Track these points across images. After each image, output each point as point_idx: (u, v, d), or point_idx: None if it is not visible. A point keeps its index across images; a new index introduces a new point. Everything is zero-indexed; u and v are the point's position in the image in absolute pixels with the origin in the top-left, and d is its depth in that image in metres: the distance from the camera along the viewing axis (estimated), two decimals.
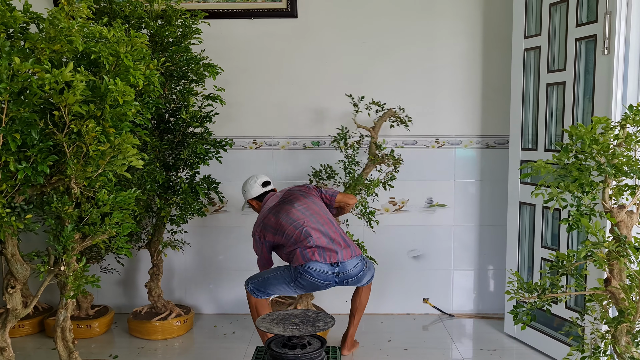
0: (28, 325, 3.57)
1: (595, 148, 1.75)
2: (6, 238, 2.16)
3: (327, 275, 2.90)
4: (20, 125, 1.88)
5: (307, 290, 3.01)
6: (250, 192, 3.27)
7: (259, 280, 3.05)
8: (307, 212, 3.03)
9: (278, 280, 3.00)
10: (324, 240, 2.94)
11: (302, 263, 2.90)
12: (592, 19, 2.81)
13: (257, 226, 3.11)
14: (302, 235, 2.94)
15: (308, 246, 2.92)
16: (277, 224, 3.02)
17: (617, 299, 1.80)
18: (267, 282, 3.02)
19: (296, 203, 3.07)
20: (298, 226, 2.96)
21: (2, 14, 1.85)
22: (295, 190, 3.19)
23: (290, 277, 2.96)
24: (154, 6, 3.28)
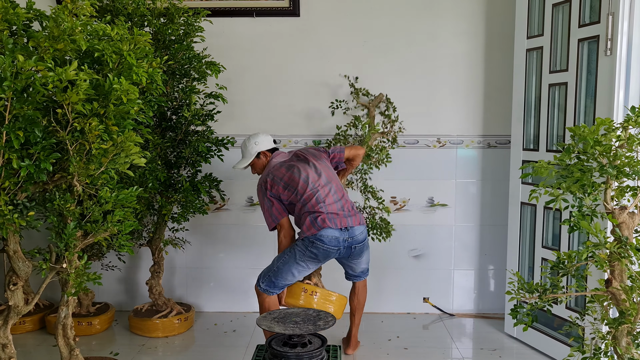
0: (29, 322, 3.58)
1: (597, 149, 1.75)
2: (8, 235, 2.16)
3: (339, 241, 2.86)
4: (23, 122, 1.88)
5: (319, 260, 2.91)
6: (264, 143, 3.10)
7: (269, 276, 2.95)
8: (323, 175, 2.95)
9: (288, 264, 2.89)
10: (335, 207, 2.89)
11: (314, 232, 2.83)
12: (594, 20, 2.81)
13: (263, 177, 2.98)
14: (315, 199, 2.87)
15: (319, 212, 2.85)
16: (290, 179, 2.91)
17: (618, 300, 1.81)
18: (277, 274, 2.92)
19: (310, 162, 2.98)
20: (312, 188, 2.89)
21: (5, 11, 1.85)
22: (305, 151, 3.09)
23: (301, 252, 2.87)
24: (156, 4, 3.28)
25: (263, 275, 2.97)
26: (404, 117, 3.79)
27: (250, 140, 3.10)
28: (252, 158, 3.08)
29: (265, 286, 2.94)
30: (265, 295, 2.95)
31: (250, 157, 3.08)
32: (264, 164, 3.10)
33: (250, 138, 3.11)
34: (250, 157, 3.08)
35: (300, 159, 3.03)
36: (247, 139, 3.12)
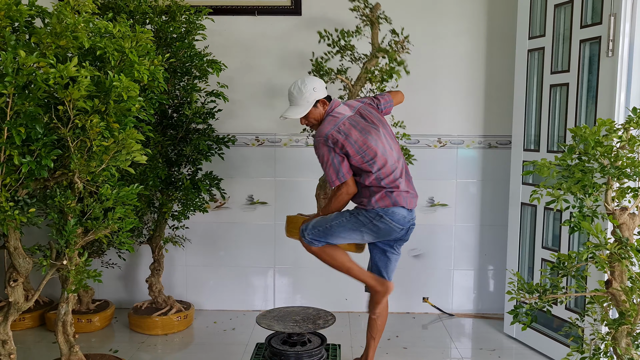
0: (29, 319, 3.58)
1: (599, 150, 1.75)
2: (9, 231, 2.16)
3: (405, 220, 2.66)
4: (24, 119, 1.88)
5: (379, 236, 2.69)
6: (322, 89, 2.68)
7: (318, 230, 2.67)
8: (394, 149, 2.71)
9: (343, 228, 2.64)
10: (406, 185, 2.69)
11: (387, 206, 2.59)
12: (596, 21, 2.81)
13: (329, 131, 2.58)
14: (393, 176, 2.62)
15: (395, 188, 2.62)
16: (366, 145, 2.59)
17: (618, 300, 1.81)
18: (328, 232, 2.66)
19: (380, 130, 2.67)
20: (391, 163, 2.63)
21: (7, 8, 1.85)
22: (366, 110, 2.74)
23: (363, 222, 2.62)
24: (158, 1, 3.28)
25: (311, 227, 2.70)
26: (404, 117, 3.79)
27: (306, 85, 2.65)
28: (310, 107, 2.65)
29: (311, 238, 2.69)
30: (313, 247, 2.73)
31: (308, 106, 2.64)
32: (322, 114, 2.70)
33: (305, 82, 2.66)
34: (309, 106, 2.64)
35: (367, 121, 2.67)
36: (301, 83, 2.66)
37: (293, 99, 2.67)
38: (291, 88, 2.67)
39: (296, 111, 2.65)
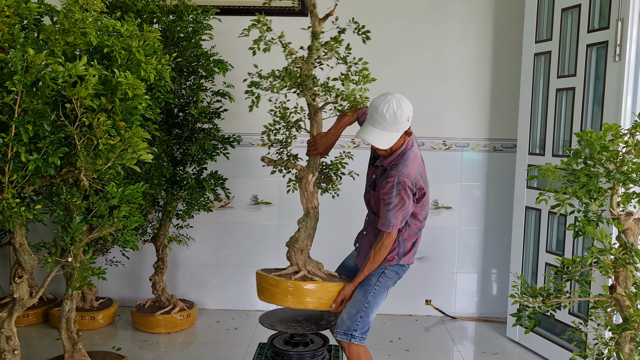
0: (32, 315, 3.59)
1: (604, 155, 1.75)
2: (15, 228, 2.17)
3: None
4: (32, 116, 1.89)
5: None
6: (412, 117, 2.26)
7: (361, 317, 2.32)
8: None
9: (381, 294, 2.39)
10: None
11: (411, 262, 2.47)
12: (604, 25, 2.81)
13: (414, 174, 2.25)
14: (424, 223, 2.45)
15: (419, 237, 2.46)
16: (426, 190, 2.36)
17: (622, 306, 1.80)
18: (370, 311, 2.35)
19: None
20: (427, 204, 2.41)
21: (17, 5, 1.86)
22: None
23: (391, 278, 2.42)
24: (166, 1, 3.29)
25: (352, 321, 2.31)
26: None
27: (403, 111, 2.20)
28: (400, 135, 2.24)
29: (362, 334, 2.32)
30: (362, 347, 2.35)
31: (397, 136, 2.23)
32: (401, 144, 2.32)
33: (402, 108, 2.20)
34: (398, 136, 2.23)
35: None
36: (397, 106, 2.19)
37: (383, 123, 2.20)
38: (383, 109, 2.19)
39: (383, 139, 2.21)
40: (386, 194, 2.26)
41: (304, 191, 2.47)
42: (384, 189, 2.26)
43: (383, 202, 2.28)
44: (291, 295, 2.35)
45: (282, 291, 2.37)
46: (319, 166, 2.51)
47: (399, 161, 2.30)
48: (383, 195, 2.27)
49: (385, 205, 2.27)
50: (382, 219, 2.31)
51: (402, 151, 2.32)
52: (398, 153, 2.32)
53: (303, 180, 2.47)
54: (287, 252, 2.51)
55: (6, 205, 1.96)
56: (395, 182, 2.24)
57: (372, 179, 2.50)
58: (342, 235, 3.31)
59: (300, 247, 2.47)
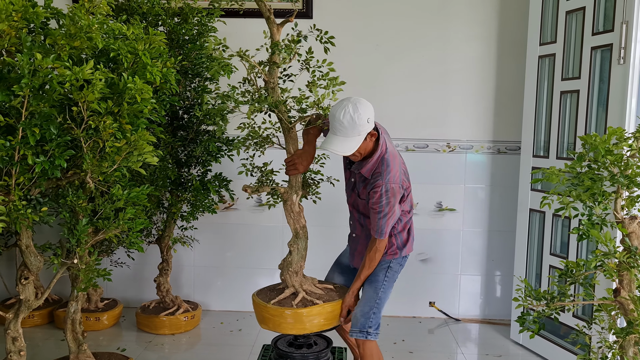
0: (38, 316, 3.61)
1: (609, 158, 1.75)
2: (21, 230, 2.19)
3: None
4: (39, 119, 1.91)
5: None
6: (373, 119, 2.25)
7: (374, 313, 2.37)
8: None
9: (387, 291, 2.44)
10: None
11: (411, 250, 2.53)
12: (608, 28, 2.81)
13: (397, 176, 2.27)
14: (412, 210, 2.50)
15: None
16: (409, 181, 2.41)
17: (626, 309, 1.80)
18: (381, 306, 2.41)
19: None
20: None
21: (24, 10, 1.88)
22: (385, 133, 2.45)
23: (396, 271, 2.47)
24: (171, 4, 3.31)
25: (366, 318, 2.35)
26: (414, 121, 3.80)
27: (360, 115, 2.16)
28: (362, 141, 2.22)
29: (376, 329, 2.36)
30: (374, 342, 2.39)
31: (359, 139, 2.20)
32: (370, 147, 2.30)
33: (359, 111, 2.16)
34: (360, 139, 2.20)
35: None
36: (354, 110, 2.16)
37: (342, 130, 2.18)
38: (340, 115, 2.16)
39: (346, 146, 2.19)
40: (375, 203, 2.27)
41: (290, 212, 2.45)
42: (373, 199, 2.28)
43: (373, 211, 2.30)
44: (293, 322, 2.37)
45: (284, 320, 2.38)
46: (300, 184, 2.47)
47: (381, 168, 2.28)
48: (373, 205, 2.29)
49: (377, 213, 2.29)
50: (374, 227, 2.33)
51: (379, 157, 2.30)
52: (375, 159, 2.30)
53: (288, 202, 2.44)
54: (281, 275, 2.51)
55: (13, 207, 1.98)
56: (383, 191, 2.25)
57: (351, 182, 2.49)
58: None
59: (294, 269, 2.47)
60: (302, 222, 2.48)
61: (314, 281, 2.56)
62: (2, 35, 1.87)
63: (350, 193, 2.52)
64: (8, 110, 1.93)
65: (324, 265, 2.83)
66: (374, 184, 2.28)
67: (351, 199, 2.53)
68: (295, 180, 2.46)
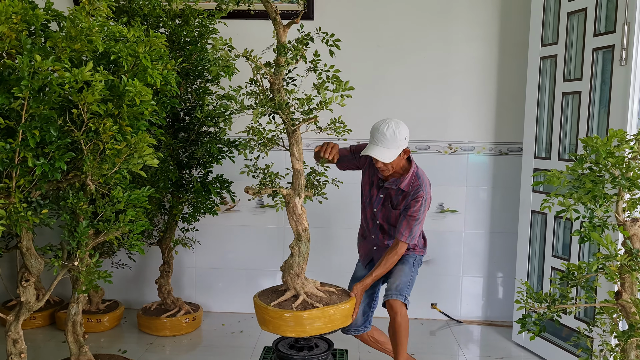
0: (39, 318, 3.62)
1: (610, 161, 1.74)
2: (22, 232, 2.19)
3: None
4: (39, 122, 1.91)
5: None
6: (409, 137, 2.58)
7: (410, 284, 2.69)
8: None
9: (414, 276, 2.77)
10: None
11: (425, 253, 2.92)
12: (610, 29, 2.80)
13: (427, 188, 2.64)
14: None
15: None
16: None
17: (628, 312, 1.79)
18: (414, 280, 2.75)
19: None
20: None
21: (24, 12, 1.88)
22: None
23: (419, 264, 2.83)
24: (172, 5, 3.31)
25: (405, 286, 2.67)
26: (416, 123, 3.78)
27: (401, 131, 2.51)
28: (398, 153, 2.53)
29: (408, 295, 2.68)
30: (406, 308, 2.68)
31: (396, 152, 2.51)
32: (404, 164, 2.66)
33: (400, 128, 2.51)
34: (397, 152, 2.52)
35: None
36: (396, 126, 2.50)
37: (384, 141, 2.50)
38: (384, 128, 2.50)
39: (386, 154, 2.50)
40: (416, 211, 2.60)
41: (292, 214, 2.45)
42: (414, 207, 2.60)
43: (411, 218, 2.60)
44: (293, 325, 2.37)
45: (284, 322, 2.38)
46: (303, 187, 2.47)
47: (418, 182, 2.64)
48: (412, 213, 2.60)
49: (414, 220, 2.60)
50: (405, 232, 2.61)
51: (414, 172, 2.65)
52: (411, 174, 2.64)
53: (290, 204, 2.44)
54: (283, 277, 2.51)
55: (13, 209, 1.98)
56: (423, 200, 2.61)
57: (380, 199, 2.74)
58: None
59: (296, 272, 2.46)
60: (304, 224, 2.47)
61: (315, 284, 2.55)
62: (2, 37, 1.87)
63: (381, 208, 2.75)
64: (8, 113, 1.93)
65: (325, 267, 2.83)
66: (415, 195, 2.61)
67: (381, 213, 2.75)
68: (298, 183, 2.46)
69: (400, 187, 2.64)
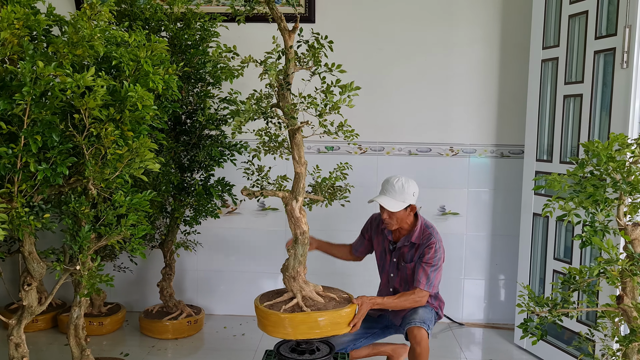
0: (41, 321, 3.62)
1: (611, 165, 1.74)
2: (24, 237, 2.19)
3: None
4: (41, 127, 1.91)
5: None
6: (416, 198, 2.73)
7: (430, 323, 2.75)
8: None
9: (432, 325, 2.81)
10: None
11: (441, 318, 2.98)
12: (611, 32, 2.79)
13: (438, 237, 2.78)
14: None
15: None
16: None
17: (630, 317, 1.79)
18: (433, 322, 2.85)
19: None
20: None
21: (26, 18, 1.89)
22: None
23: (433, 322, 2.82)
24: (173, 9, 3.31)
25: (427, 318, 2.73)
26: (417, 125, 3.80)
27: (410, 186, 2.68)
28: (404, 206, 2.68)
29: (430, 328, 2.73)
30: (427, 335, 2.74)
31: (403, 205, 2.67)
32: (410, 221, 2.79)
33: (409, 183, 2.69)
34: (403, 205, 2.67)
35: None
36: (406, 181, 2.69)
37: (392, 192, 2.67)
38: (394, 181, 2.68)
39: (391, 203, 2.65)
40: (431, 257, 2.70)
41: (290, 217, 2.47)
42: (428, 254, 2.71)
43: (427, 265, 2.70)
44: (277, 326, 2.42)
45: (270, 323, 2.43)
46: (301, 190, 2.46)
47: (428, 231, 2.77)
48: (428, 260, 2.70)
49: (430, 266, 2.70)
50: (422, 279, 2.69)
51: (422, 224, 2.79)
52: (420, 226, 2.78)
53: (287, 206, 2.46)
54: (283, 279, 2.53)
55: (15, 214, 1.98)
56: (437, 247, 2.72)
57: (394, 262, 2.85)
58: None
59: (291, 274, 2.48)
60: (302, 227, 2.48)
61: (317, 288, 2.55)
62: (4, 43, 1.88)
63: (397, 272, 2.85)
64: (10, 118, 1.93)
65: (326, 270, 2.83)
66: (427, 243, 2.73)
67: (398, 277, 2.85)
68: (297, 186, 2.46)
69: (411, 241, 2.77)
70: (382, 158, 3.84)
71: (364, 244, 3.01)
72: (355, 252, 3.04)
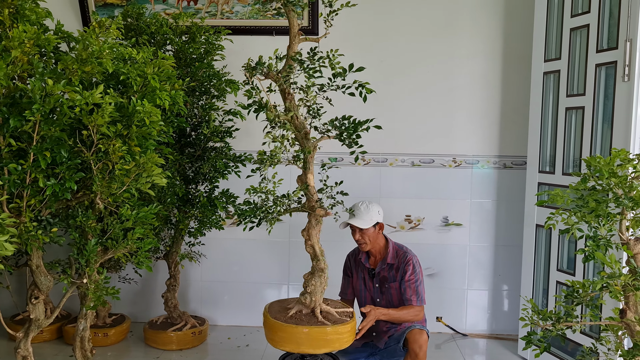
0: (47, 332, 3.63)
1: (613, 180, 1.76)
2: (32, 250, 2.22)
3: None
4: (50, 143, 1.94)
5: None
6: (382, 216, 2.99)
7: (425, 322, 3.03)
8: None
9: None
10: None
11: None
12: (612, 46, 2.82)
13: (412, 254, 2.99)
14: None
15: None
16: None
17: (633, 331, 1.80)
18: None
19: None
20: None
21: (36, 37, 1.92)
22: None
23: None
24: (179, 23, 3.35)
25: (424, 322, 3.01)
26: (420, 136, 3.82)
27: (373, 205, 2.96)
28: (371, 224, 2.91)
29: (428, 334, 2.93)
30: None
31: (370, 222, 2.90)
32: (380, 239, 3.00)
33: (373, 204, 2.96)
34: (371, 222, 2.90)
35: None
36: (369, 203, 2.96)
37: (358, 213, 2.92)
38: (359, 204, 2.96)
39: (360, 222, 2.89)
40: (411, 274, 2.92)
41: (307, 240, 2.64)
42: (408, 272, 2.92)
43: (411, 282, 2.91)
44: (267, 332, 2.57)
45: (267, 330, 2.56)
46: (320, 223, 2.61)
47: (402, 250, 3.00)
48: (409, 277, 2.92)
49: (414, 282, 2.91)
50: (413, 297, 2.90)
51: (393, 246, 3.01)
52: (392, 247, 3.00)
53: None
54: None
55: (24, 228, 2.01)
56: (414, 262, 2.95)
57: (377, 288, 3.01)
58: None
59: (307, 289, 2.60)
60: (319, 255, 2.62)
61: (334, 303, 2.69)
62: (14, 61, 1.91)
63: (381, 296, 3.00)
64: (20, 135, 1.96)
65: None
66: (405, 261, 2.94)
67: (383, 301, 2.99)
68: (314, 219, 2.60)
69: (388, 262, 2.96)
70: (385, 169, 3.86)
71: (350, 284, 3.10)
72: (345, 295, 3.12)
